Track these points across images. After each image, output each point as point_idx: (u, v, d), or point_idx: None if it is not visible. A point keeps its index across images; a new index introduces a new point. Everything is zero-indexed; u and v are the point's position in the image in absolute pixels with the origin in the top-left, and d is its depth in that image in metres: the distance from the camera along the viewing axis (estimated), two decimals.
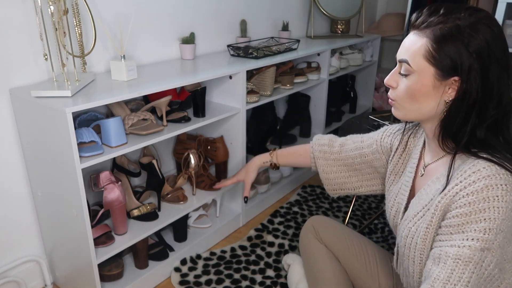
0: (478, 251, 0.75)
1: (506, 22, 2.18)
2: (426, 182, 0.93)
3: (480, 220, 0.75)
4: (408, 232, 0.91)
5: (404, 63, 0.84)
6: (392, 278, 1.17)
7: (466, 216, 0.77)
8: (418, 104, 0.85)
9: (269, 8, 2.25)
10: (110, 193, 1.35)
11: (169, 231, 1.72)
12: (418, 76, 0.83)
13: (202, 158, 1.70)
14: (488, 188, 0.75)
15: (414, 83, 0.83)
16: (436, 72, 0.81)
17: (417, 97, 0.84)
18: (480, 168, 0.77)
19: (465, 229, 0.77)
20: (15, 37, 1.26)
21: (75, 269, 1.38)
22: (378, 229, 1.88)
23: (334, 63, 2.36)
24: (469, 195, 0.77)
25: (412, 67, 0.83)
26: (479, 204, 0.75)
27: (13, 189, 1.37)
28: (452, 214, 0.79)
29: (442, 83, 0.81)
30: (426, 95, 0.83)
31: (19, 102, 1.26)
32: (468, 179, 0.77)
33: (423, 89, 0.83)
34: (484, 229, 0.75)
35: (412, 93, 0.84)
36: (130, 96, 1.25)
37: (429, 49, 0.80)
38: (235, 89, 1.69)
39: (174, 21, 1.74)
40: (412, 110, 0.87)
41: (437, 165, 0.92)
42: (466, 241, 0.76)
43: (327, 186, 1.28)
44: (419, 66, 0.82)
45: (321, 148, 1.25)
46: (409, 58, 0.83)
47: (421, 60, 0.81)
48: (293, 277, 1.42)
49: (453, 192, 0.79)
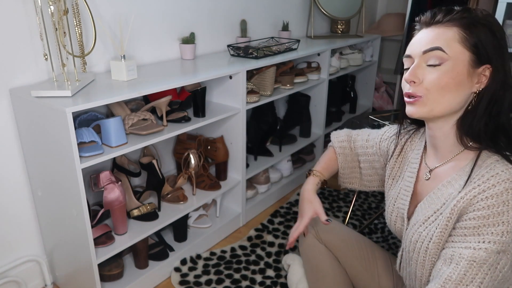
0: (494, 254, 0.76)
1: (506, 22, 2.18)
2: (434, 186, 0.92)
3: (498, 223, 0.76)
4: (418, 236, 0.90)
5: (436, 51, 0.81)
6: (392, 278, 1.17)
7: (484, 219, 0.77)
8: (450, 95, 0.81)
9: (269, 8, 2.25)
10: (110, 193, 1.35)
11: (169, 231, 1.72)
12: (453, 63, 0.80)
13: (202, 158, 1.70)
14: (508, 191, 0.75)
15: (449, 72, 0.80)
16: (471, 58, 0.80)
17: (451, 87, 0.81)
18: (499, 172, 0.77)
19: (481, 232, 0.77)
20: (15, 37, 1.26)
21: (75, 269, 1.38)
22: (378, 229, 1.88)
23: (334, 63, 2.36)
24: (489, 198, 0.77)
25: (447, 53, 0.80)
26: (498, 207, 0.76)
27: (13, 189, 1.37)
28: (469, 216, 0.79)
29: (476, 71, 0.81)
30: (459, 84, 0.81)
31: (19, 102, 1.26)
32: (487, 182, 0.77)
33: (458, 77, 0.80)
34: (502, 232, 0.75)
35: (447, 82, 0.80)
36: (130, 96, 1.25)
37: (462, 34, 0.80)
38: (235, 89, 1.69)
39: (174, 21, 1.74)
40: (442, 103, 0.82)
41: (446, 168, 0.91)
42: (482, 244, 0.76)
43: (340, 178, 1.29)
44: (455, 51, 0.80)
45: (341, 144, 1.26)
46: (443, 45, 0.80)
47: (457, 45, 0.80)
48: (293, 277, 1.42)
49: (471, 195, 0.79)
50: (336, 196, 2.16)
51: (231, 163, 1.83)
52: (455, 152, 0.88)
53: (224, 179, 1.83)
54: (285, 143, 2.22)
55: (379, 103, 3.09)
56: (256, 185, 2.05)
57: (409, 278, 1.00)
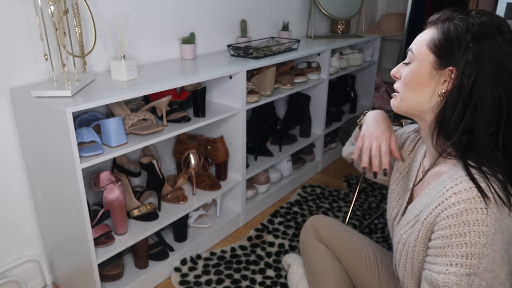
0: (464, 277, 0.74)
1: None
2: (423, 189, 0.92)
3: (461, 245, 0.74)
4: (400, 238, 0.92)
5: (409, 51, 0.87)
6: (393, 278, 1.17)
7: (447, 239, 0.76)
8: (414, 93, 0.86)
9: (269, 8, 2.25)
10: (110, 193, 1.35)
11: (169, 231, 1.72)
12: (417, 62, 0.84)
13: (202, 158, 1.70)
14: (468, 212, 0.73)
15: (412, 70, 0.85)
16: (434, 60, 0.82)
17: (414, 85, 0.85)
18: (461, 190, 0.75)
19: (447, 253, 0.76)
20: (15, 37, 1.26)
21: (75, 269, 1.38)
22: (378, 229, 1.88)
23: (334, 63, 2.36)
24: (449, 217, 0.75)
25: (414, 54, 0.85)
26: (459, 228, 0.74)
27: (13, 189, 1.37)
28: (435, 235, 0.79)
29: (438, 73, 0.82)
30: (421, 83, 0.84)
31: (19, 102, 1.26)
32: (449, 200, 0.76)
33: (420, 76, 0.84)
34: (466, 254, 0.74)
35: (410, 80, 0.86)
36: (130, 96, 1.25)
37: (434, 38, 0.82)
38: (235, 89, 1.69)
39: (174, 21, 1.74)
40: (407, 100, 0.87)
41: (431, 174, 0.90)
42: (450, 267, 0.75)
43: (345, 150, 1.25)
44: (421, 53, 0.84)
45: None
46: (414, 47, 0.86)
47: (424, 47, 0.83)
48: (293, 277, 1.42)
49: (436, 212, 0.78)
50: (336, 196, 2.16)
51: (231, 163, 1.83)
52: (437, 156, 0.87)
53: (224, 179, 1.83)
54: (285, 143, 2.21)
55: (379, 103, 3.09)
56: (256, 185, 2.05)
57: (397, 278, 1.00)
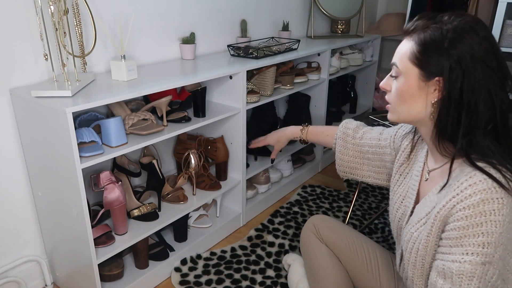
0: (480, 265, 0.77)
1: (506, 22, 2.18)
2: (430, 188, 0.93)
3: (478, 234, 0.76)
4: (410, 237, 0.92)
5: (393, 66, 0.89)
6: (394, 278, 1.17)
7: (464, 230, 0.78)
8: (407, 105, 0.88)
9: (269, 8, 2.25)
10: (110, 193, 1.35)
11: (170, 231, 1.72)
12: (404, 77, 0.87)
13: (202, 158, 1.70)
14: (484, 202, 0.76)
15: (402, 84, 0.87)
16: (420, 73, 0.84)
17: (406, 98, 0.88)
18: (477, 181, 0.77)
19: (463, 243, 0.78)
20: (16, 37, 1.26)
21: (75, 269, 1.38)
22: (378, 229, 1.88)
23: (334, 63, 2.36)
24: (466, 208, 0.77)
25: (399, 68, 0.87)
26: (476, 218, 0.76)
27: (13, 189, 1.37)
28: (451, 227, 0.80)
29: (426, 84, 0.84)
30: (413, 96, 0.86)
31: (19, 102, 1.26)
32: (465, 192, 0.78)
33: (410, 90, 0.86)
34: (483, 243, 0.76)
35: (401, 94, 0.88)
36: (130, 96, 1.25)
37: (414, 51, 0.84)
38: (236, 89, 1.69)
39: (175, 21, 1.74)
40: (403, 112, 0.90)
41: (440, 171, 0.92)
42: (466, 256, 0.77)
43: (339, 167, 1.30)
44: (405, 67, 0.86)
45: (345, 130, 1.28)
46: (397, 61, 0.88)
47: (407, 62, 0.86)
48: (294, 277, 1.42)
49: (451, 204, 0.80)
50: (336, 196, 2.16)
51: (231, 163, 1.83)
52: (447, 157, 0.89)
53: (224, 179, 1.83)
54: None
55: (379, 103, 3.09)
56: (256, 185, 2.05)
57: (405, 278, 1.00)
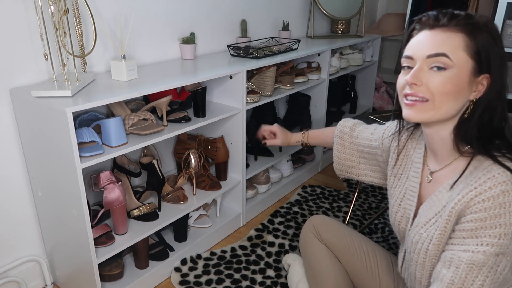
0: (493, 256, 0.76)
1: (506, 22, 2.18)
2: (435, 188, 0.93)
3: (496, 226, 0.76)
4: (419, 238, 0.91)
5: (442, 57, 0.80)
6: (393, 279, 1.17)
7: (481, 222, 0.78)
8: (453, 101, 0.82)
9: (269, 8, 2.25)
10: (110, 193, 1.35)
11: (170, 231, 1.72)
12: (457, 71, 0.80)
13: (202, 158, 1.70)
14: (505, 194, 0.76)
15: (452, 78, 0.80)
16: (474, 67, 0.80)
17: (453, 94, 0.81)
18: (495, 174, 0.78)
19: (479, 234, 0.78)
20: (16, 37, 1.26)
21: (76, 269, 1.38)
22: (378, 229, 1.88)
23: (334, 63, 2.36)
24: (485, 201, 0.77)
25: (452, 60, 0.80)
26: (495, 210, 0.76)
27: (13, 189, 1.37)
28: (467, 219, 0.80)
29: (475, 79, 0.82)
30: (460, 92, 0.81)
31: (19, 102, 1.26)
32: (484, 185, 0.78)
33: (460, 85, 0.81)
34: (499, 235, 0.76)
35: (450, 89, 0.81)
36: (130, 96, 1.25)
37: (468, 42, 0.80)
38: (236, 89, 1.69)
39: (175, 21, 1.74)
40: (443, 109, 0.83)
41: (447, 171, 0.91)
42: (480, 247, 0.77)
43: (336, 165, 1.32)
44: (460, 59, 0.80)
45: (342, 129, 1.29)
46: (449, 51, 0.80)
47: (462, 53, 0.80)
48: (293, 277, 1.42)
49: (468, 197, 0.80)
50: (336, 196, 2.16)
51: (231, 163, 1.83)
52: (455, 156, 0.89)
53: (224, 179, 1.83)
54: None
55: (379, 103, 3.09)
56: (256, 185, 2.05)
57: (409, 279, 1.00)
